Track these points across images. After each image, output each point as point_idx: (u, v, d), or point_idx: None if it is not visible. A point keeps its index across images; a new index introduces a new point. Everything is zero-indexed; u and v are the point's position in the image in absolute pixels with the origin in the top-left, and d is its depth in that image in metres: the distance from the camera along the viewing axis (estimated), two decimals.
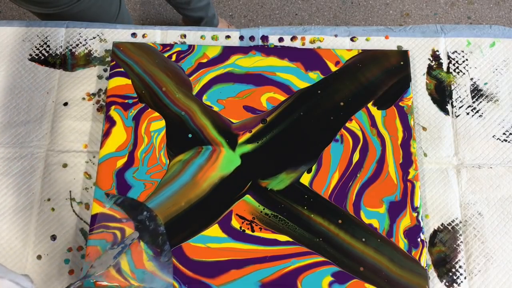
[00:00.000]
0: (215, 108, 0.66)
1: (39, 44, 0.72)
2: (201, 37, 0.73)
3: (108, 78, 0.69)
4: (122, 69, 0.68)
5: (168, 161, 0.64)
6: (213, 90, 0.67)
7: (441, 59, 0.71)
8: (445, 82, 0.70)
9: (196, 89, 0.67)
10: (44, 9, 0.77)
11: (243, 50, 0.69)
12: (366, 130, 0.65)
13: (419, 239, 0.60)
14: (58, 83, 0.70)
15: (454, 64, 0.71)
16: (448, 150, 0.66)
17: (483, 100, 0.69)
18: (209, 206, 0.61)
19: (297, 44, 0.72)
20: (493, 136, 0.67)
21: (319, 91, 0.67)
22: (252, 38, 0.73)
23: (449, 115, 0.68)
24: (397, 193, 0.62)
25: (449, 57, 0.71)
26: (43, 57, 0.71)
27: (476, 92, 0.69)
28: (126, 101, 0.67)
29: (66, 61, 0.71)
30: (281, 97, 0.67)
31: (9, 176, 0.65)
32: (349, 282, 0.58)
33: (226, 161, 0.63)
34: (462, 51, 0.72)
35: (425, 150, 0.66)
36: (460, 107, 0.69)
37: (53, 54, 0.72)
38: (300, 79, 0.68)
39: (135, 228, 0.60)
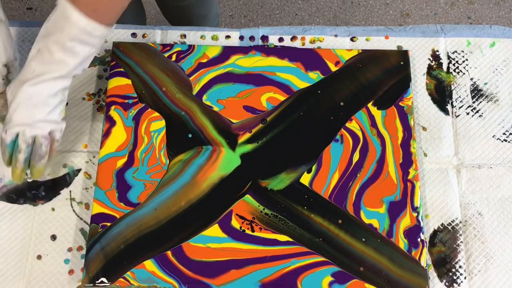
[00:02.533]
0: (215, 108, 0.66)
1: None
2: (201, 37, 0.73)
3: (108, 78, 0.69)
4: (122, 69, 0.68)
5: (168, 161, 0.64)
6: (213, 90, 0.67)
7: (441, 59, 0.71)
8: (445, 82, 0.70)
9: (196, 89, 0.67)
10: None
11: (243, 50, 0.69)
12: (366, 130, 0.65)
13: (419, 239, 0.60)
14: None
15: (454, 64, 0.71)
16: (448, 150, 0.66)
17: (483, 100, 0.69)
18: (209, 206, 0.61)
19: (297, 44, 0.72)
20: (493, 136, 0.67)
21: (319, 91, 0.67)
22: (252, 38, 0.73)
23: (449, 115, 0.68)
24: (397, 193, 0.62)
25: (449, 57, 0.71)
26: None
27: (476, 92, 0.69)
28: (126, 101, 0.67)
29: None
30: (281, 97, 0.67)
31: None
32: (349, 282, 0.58)
33: (226, 161, 0.63)
34: (462, 51, 0.72)
35: (425, 150, 0.66)
36: (460, 107, 0.69)
37: None
38: (300, 79, 0.68)
39: None
